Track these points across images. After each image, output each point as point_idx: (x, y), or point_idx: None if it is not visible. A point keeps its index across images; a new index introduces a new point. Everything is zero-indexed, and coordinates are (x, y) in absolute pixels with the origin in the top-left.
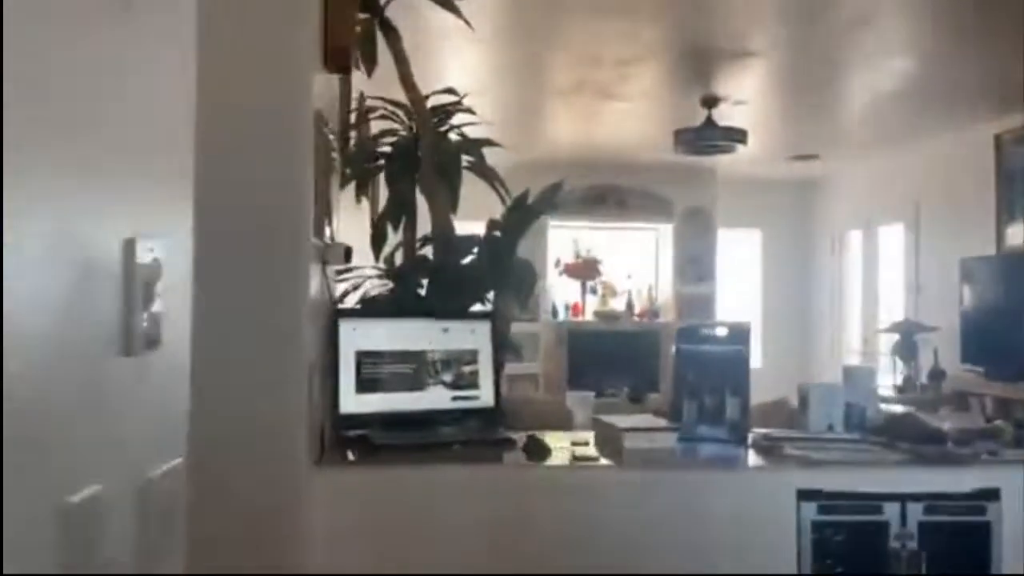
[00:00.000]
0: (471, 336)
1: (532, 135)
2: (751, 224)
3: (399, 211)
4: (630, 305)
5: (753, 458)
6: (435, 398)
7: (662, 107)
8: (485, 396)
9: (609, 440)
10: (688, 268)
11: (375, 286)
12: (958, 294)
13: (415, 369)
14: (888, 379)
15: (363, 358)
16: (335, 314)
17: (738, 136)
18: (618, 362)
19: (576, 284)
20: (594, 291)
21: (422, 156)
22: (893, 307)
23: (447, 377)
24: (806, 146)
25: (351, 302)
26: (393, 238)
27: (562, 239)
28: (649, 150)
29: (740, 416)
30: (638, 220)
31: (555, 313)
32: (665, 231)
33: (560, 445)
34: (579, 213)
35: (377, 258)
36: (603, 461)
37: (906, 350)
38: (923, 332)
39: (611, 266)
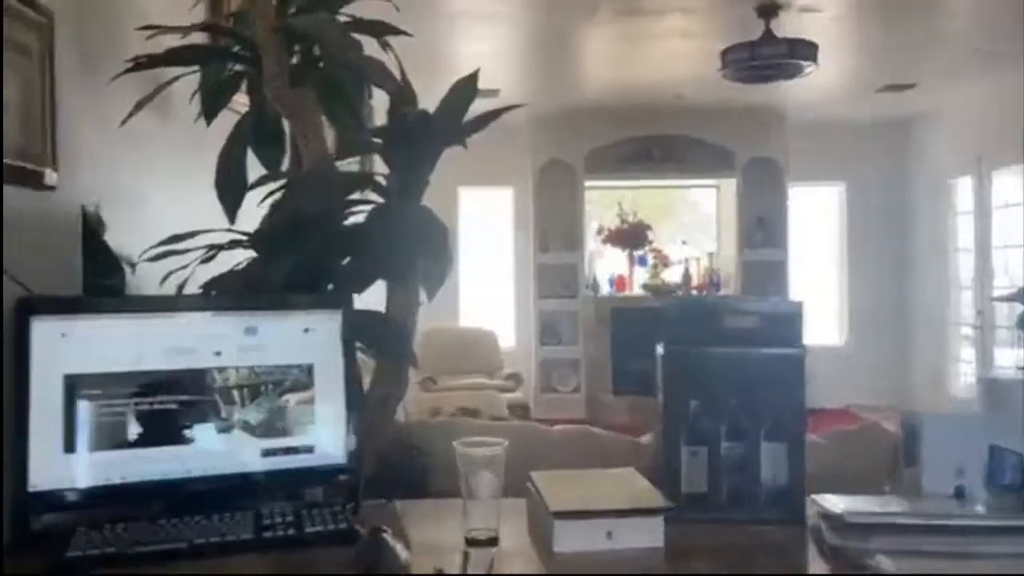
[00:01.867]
0: (301, 340)
1: (558, 77)
2: (832, 177)
3: (267, 141)
4: (687, 277)
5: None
6: (229, 455)
7: (710, 27)
8: (326, 445)
9: (540, 526)
10: (755, 231)
11: (246, 260)
12: None
13: (189, 404)
14: (1008, 359)
15: (81, 387)
16: (22, 309)
17: (805, 52)
18: None
19: (622, 254)
20: (643, 261)
21: (260, 47)
22: (1013, 270)
23: (252, 415)
24: (899, 72)
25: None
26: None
27: (604, 202)
28: (702, 90)
29: (790, 478)
30: (694, 176)
31: (596, 288)
32: (727, 188)
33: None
34: (622, 171)
35: (230, 216)
36: None
37: None
38: None
39: (663, 231)
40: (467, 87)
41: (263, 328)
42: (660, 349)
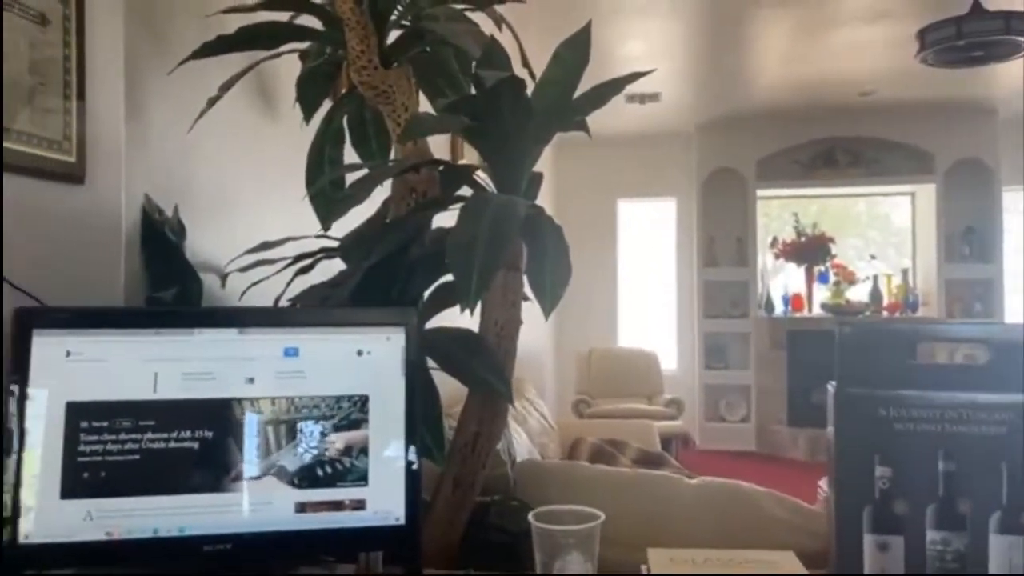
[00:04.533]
0: (353, 364)
1: (724, 76)
2: None
3: (368, 135)
4: (876, 295)
5: None
6: (258, 509)
7: (905, 4)
8: (382, 500)
9: None
10: (960, 243)
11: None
12: None
13: (212, 443)
14: None
15: (85, 419)
16: (21, 321)
17: None
18: None
19: (798, 270)
20: (824, 278)
21: (343, 20)
22: None
23: (290, 460)
24: None
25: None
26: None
27: (778, 214)
28: (894, 83)
29: None
30: (885, 182)
31: (770, 307)
32: (924, 195)
33: None
34: (801, 178)
35: (323, 221)
36: None
37: None
38: None
39: (846, 245)
40: (576, 49)
41: (306, 349)
42: (831, 389)
